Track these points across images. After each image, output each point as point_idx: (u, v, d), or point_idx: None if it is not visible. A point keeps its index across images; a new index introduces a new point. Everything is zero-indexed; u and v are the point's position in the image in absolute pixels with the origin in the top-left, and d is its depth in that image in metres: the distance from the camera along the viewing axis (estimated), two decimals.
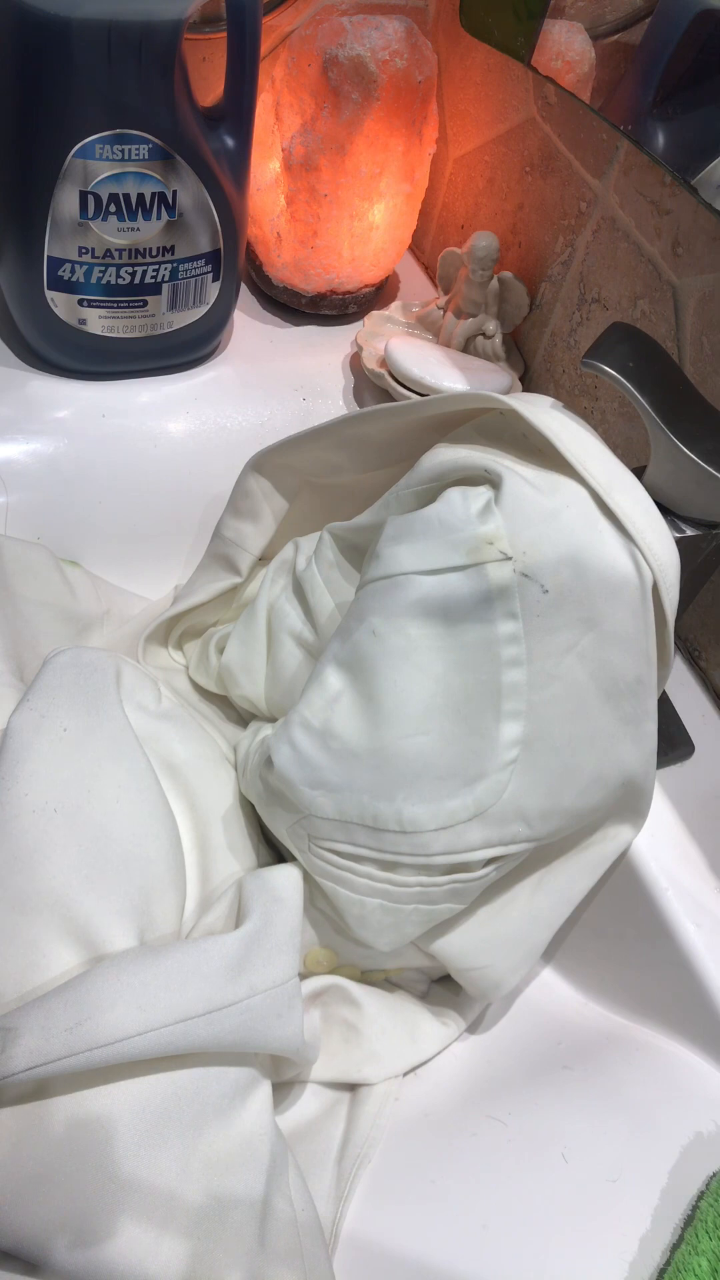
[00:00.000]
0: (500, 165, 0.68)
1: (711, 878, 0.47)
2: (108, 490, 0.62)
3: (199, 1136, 0.36)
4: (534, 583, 0.38)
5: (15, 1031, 0.35)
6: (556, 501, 0.38)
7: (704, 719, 0.54)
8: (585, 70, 0.55)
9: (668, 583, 0.38)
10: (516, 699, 0.39)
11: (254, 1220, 0.36)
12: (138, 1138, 0.35)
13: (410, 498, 0.43)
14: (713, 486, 0.40)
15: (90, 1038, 0.35)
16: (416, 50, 0.62)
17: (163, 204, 0.57)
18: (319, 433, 0.47)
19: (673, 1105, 0.43)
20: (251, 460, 0.51)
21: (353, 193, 0.66)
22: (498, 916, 0.45)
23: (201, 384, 0.67)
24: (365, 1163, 0.42)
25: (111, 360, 0.64)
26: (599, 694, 0.40)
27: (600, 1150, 0.41)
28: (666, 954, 0.45)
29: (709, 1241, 0.36)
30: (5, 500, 0.59)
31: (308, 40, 0.62)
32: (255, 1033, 0.38)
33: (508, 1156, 0.41)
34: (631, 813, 0.45)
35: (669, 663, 0.42)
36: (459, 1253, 0.38)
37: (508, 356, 0.67)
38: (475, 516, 0.38)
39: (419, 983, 0.51)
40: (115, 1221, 0.34)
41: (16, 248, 0.58)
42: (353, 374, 0.71)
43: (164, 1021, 0.36)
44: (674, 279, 0.53)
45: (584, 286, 0.61)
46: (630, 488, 0.38)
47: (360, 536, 0.47)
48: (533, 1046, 0.48)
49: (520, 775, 0.40)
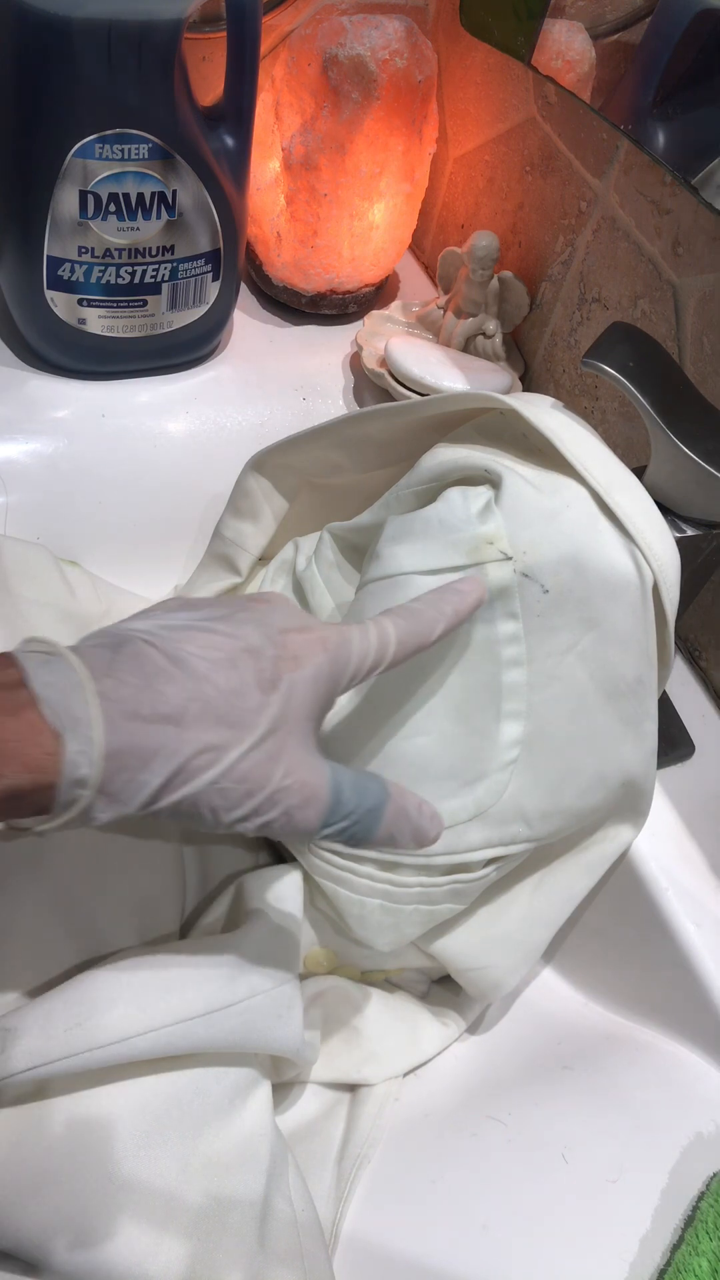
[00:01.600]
0: (500, 165, 0.68)
1: (711, 878, 0.47)
2: (108, 490, 0.62)
3: (199, 1137, 0.36)
4: (534, 583, 0.38)
5: (15, 1032, 0.35)
6: (557, 501, 0.38)
7: (704, 719, 0.54)
8: (585, 70, 0.55)
9: (668, 583, 0.38)
10: (517, 699, 0.39)
11: (254, 1221, 0.36)
12: (138, 1138, 0.35)
13: (410, 498, 0.43)
14: (713, 486, 0.40)
15: (90, 1038, 0.35)
16: (416, 50, 0.62)
17: (162, 204, 0.57)
18: (319, 432, 0.47)
19: (673, 1105, 0.43)
20: (251, 460, 0.51)
21: (353, 192, 0.66)
22: (498, 917, 0.45)
23: (201, 384, 0.67)
24: (365, 1163, 0.42)
25: (111, 360, 0.64)
26: (599, 694, 0.40)
27: (600, 1150, 0.41)
28: (667, 954, 0.45)
29: (709, 1242, 0.36)
30: (5, 500, 0.59)
31: (308, 40, 0.62)
32: (255, 1033, 0.38)
33: (508, 1157, 0.41)
34: (632, 813, 0.45)
35: (669, 663, 0.42)
36: (459, 1253, 0.38)
37: (508, 356, 0.67)
38: (475, 516, 0.38)
39: (419, 983, 0.51)
40: (115, 1222, 0.34)
41: (16, 247, 0.58)
42: (353, 374, 0.71)
43: (164, 1022, 0.36)
44: (674, 279, 0.53)
45: (584, 286, 0.61)
46: (630, 488, 0.38)
47: (360, 536, 0.47)
48: (533, 1047, 0.48)
49: (520, 775, 0.40)
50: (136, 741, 0.28)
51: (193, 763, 0.29)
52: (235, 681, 0.30)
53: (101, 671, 0.29)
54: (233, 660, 0.31)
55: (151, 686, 0.29)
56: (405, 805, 0.34)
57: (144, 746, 0.28)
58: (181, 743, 0.29)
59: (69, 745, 0.27)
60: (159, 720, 0.29)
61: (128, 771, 0.28)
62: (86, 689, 0.28)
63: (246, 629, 0.32)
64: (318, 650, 0.32)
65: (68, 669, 0.28)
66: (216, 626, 0.31)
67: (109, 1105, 0.36)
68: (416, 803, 0.34)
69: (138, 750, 0.28)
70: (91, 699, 0.28)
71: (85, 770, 0.27)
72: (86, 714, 0.27)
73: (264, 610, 0.33)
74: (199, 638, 0.31)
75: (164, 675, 0.29)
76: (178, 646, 0.30)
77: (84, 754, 0.27)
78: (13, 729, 0.27)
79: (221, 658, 0.30)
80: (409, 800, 0.34)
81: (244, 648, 0.31)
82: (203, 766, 0.29)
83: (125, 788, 0.28)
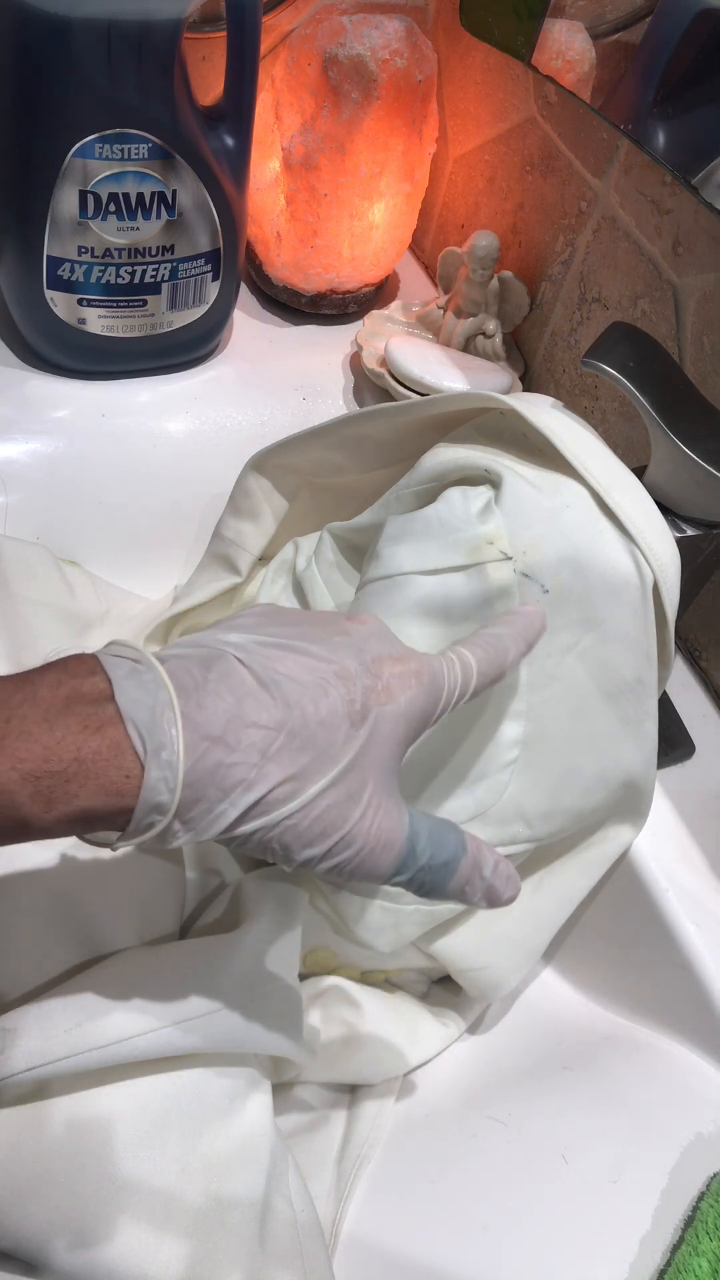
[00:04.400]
0: (500, 164, 0.68)
1: (711, 878, 0.47)
2: (108, 490, 0.62)
3: (199, 1137, 0.36)
4: (534, 583, 0.38)
5: (15, 1032, 0.35)
6: (557, 501, 0.38)
7: (704, 719, 0.54)
8: (585, 69, 0.55)
9: (668, 583, 0.38)
10: (517, 699, 0.39)
11: (254, 1221, 0.36)
12: (137, 1138, 0.35)
13: (410, 498, 0.43)
14: (713, 486, 0.40)
15: (90, 1038, 0.35)
16: (416, 49, 0.62)
17: (162, 203, 0.57)
18: (319, 432, 0.47)
19: (673, 1106, 0.42)
20: (251, 460, 0.51)
21: (353, 192, 0.66)
22: (498, 917, 0.45)
23: (201, 384, 0.67)
24: (365, 1163, 0.42)
25: (111, 360, 0.64)
26: (599, 694, 0.40)
27: (600, 1151, 0.41)
28: (667, 954, 0.45)
29: (709, 1242, 0.36)
30: (5, 500, 0.59)
31: (308, 39, 0.62)
32: (255, 1033, 0.38)
33: (508, 1157, 0.41)
34: (632, 813, 0.45)
35: (669, 663, 0.42)
36: (459, 1253, 0.38)
37: (508, 356, 0.67)
38: (475, 516, 0.38)
39: (419, 983, 0.51)
40: (115, 1222, 0.34)
41: (16, 247, 0.58)
42: (353, 374, 0.71)
43: (163, 1022, 0.36)
44: (674, 278, 0.53)
45: (584, 286, 0.61)
46: (630, 488, 0.38)
47: (360, 536, 0.47)
48: (533, 1047, 0.48)
49: (521, 776, 0.40)
50: (220, 771, 0.27)
51: (272, 795, 0.28)
52: (325, 711, 0.29)
53: (190, 689, 0.27)
54: (324, 687, 0.29)
55: (241, 711, 0.28)
56: (481, 861, 0.32)
57: (226, 776, 0.27)
58: (263, 775, 0.28)
59: (151, 771, 0.26)
60: (245, 748, 0.27)
61: (206, 801, 0.27)
62: (175, 709, 0.27)
63: (343, 653, 0.30)
64: (411, 683, 0.31)
65: (157, 685, 0.27)
66: (312, 648, 0.30)
67: (109, 1105, 0.36)
68: (494, 860, 0.32)
69: (219, 780, 0.27)
70: (178, 721, 0.27)
71: (164, 797, 0.26)
72: (172, 737, 0.26)
73: (362, 634, 0.32)
74: (292, 659, 0.29)
75: (254, 699, 0.28)
76: (271, 667, 0.29)
77: (165, 780, 0.26)
78: (94, 748, 0.26)
79: (313, 682, 0.29)
80: (486, 856, 0.32)
81: (337, 673, 0.30)
82: (281, 799, 0.28)
83: (202, 817, 0.27)
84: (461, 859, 0.32)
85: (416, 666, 0.31)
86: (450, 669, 0.32)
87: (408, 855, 0.31)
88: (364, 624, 0.32)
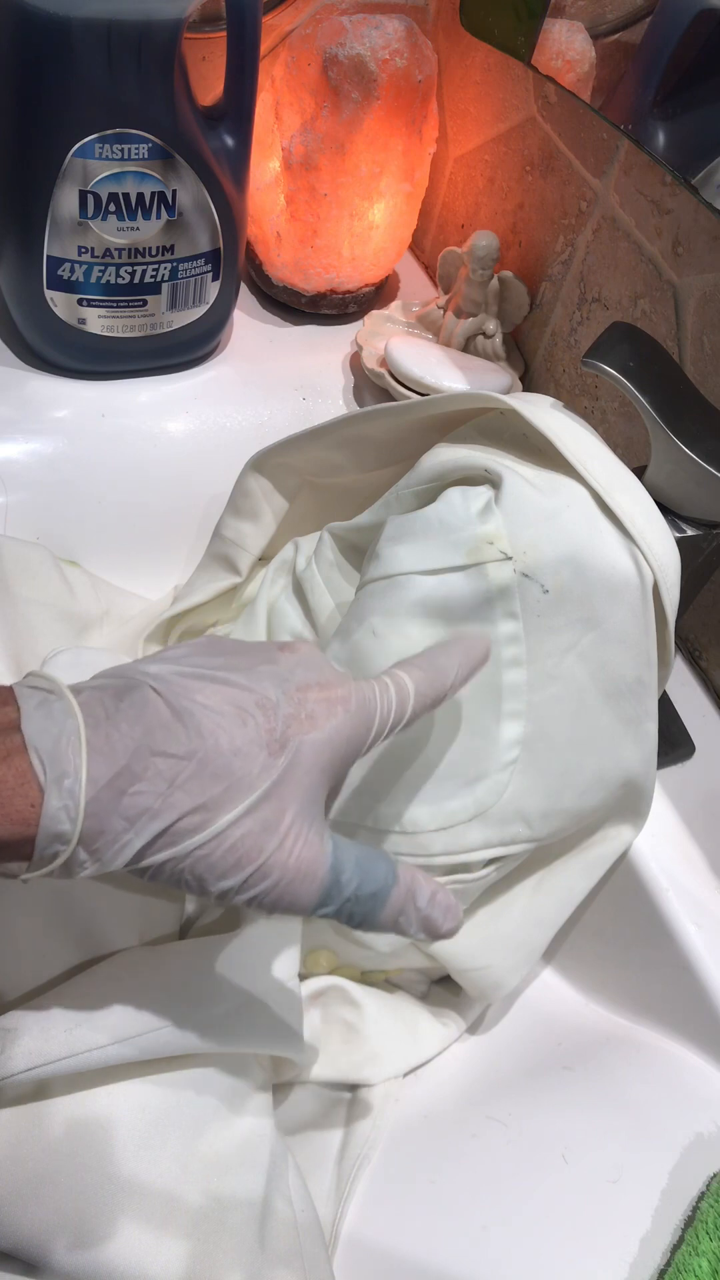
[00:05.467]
0: (500, 165, 0.68)
1: (711, 878, 0.47)
2: (108, 490, 0.62)
3: (199, 1137, 0.36)
4: (534, 583, 0.38)
5: (15, 1032, 0.35)
6: (557, 501, 0.38)
7: (704, 719, 0.54)
8: (585, 69, 0.55)
9: (668, 583, 0.38)
10: (516, 699, 0.39)
11: (253, 1221, 0.36)
12: (137, 1138, 0.35)
13: (410, 498, 0.43)
14: (713, 486, 0.40)
15: (90, 1038, 0.35)
16: (416, 49, 0.62)
17: (162, 203, 0.57)
18: (319, 432, 0.47)
19: (673, 1106, 0.42)
20: (251, 460, 0.51)
21: (353, 192, 0.66)
22: (498, 917, 0.45)
23: (201, 384, 0.67)
24: (365, 1163, 0.42)
25: (111, 360, 0.64)
26: (599, 694, 0.40)
27: (600, 1151, 0.41)
28: (667, 954, 0.45)
29: (709, 1242, 0.36)
30: (5, 500, 0.59)
31: (308, 39, 0.62)
32: (255, 1033, 0.38)
33: (508, 1157, 0.41)
34: (632, 813, 0.45)
35: (669, 663, 0.42)
36: (459, 1253, 0.38)
37: (508, 356, 0.67)
38: (475, 516, 0.38)
39: (419, 983, 0.51)
40: (115, 1222, 0.34)
41: (16, 247, 0.58)
42: (353, 374, 0.71)
43: (163, 1022, 0.36)
44: (674, 278, 0.53)
45: (584, 286, 0.61)
46: (630, 488, 0.38)
47: (360, 536, 0.47)
48: (533, 1047, 0.48)
49: (520, 776, 0.40)
50: (124, 800, 0.27)
51: (179, 824, 0.28)
52: (240, 740, 0.28)
53: (99, 719, 0.27)
54: (242, 716, 0.29)
55: (150, 740, 0.28)
56: (415, 891, 0.31)
57: (130, 805, 0.27)
58: (170, 804, 0.27)
59: (51, 799, 0.26)
60: (150, 777, 0.27)
61: (111, 831, 0.27)
62: (81, 738, 0.27)
63: (265, 683, 0.30)
64: (337, 710, 0.30)
65: (65, 714, 0.27)
66: (233, 678, 0.30)
67: (109, 1105, 0.36)
68: (430, 891, 0.31)
69: (124, 809, 0.27)
70: (83, 750, 0.27)
71: (65, 826, 0.26)
72: (75, 766, 0.26)
73: (289, 663, 0.31)
74: (212, 689, 0.29)
75: (165, 730, 0.28)
76: (187, 697, 0.29)
77: (66, 809, 0.26)
78: (1, 777, 0.26)
79: (231, 712, 0.29)
80: (421, 887, 0.31)
81: (257, 702, 0.29)
82: (190, 829, 0.28)
83: (108, 846, 0.27)
84: (392, 889, 0.31)
85: (343, 693, 0.31)
86: (384, 693, 0.31)
87: (331, 886, 0.30)
88: (294, 652, 0.32)
